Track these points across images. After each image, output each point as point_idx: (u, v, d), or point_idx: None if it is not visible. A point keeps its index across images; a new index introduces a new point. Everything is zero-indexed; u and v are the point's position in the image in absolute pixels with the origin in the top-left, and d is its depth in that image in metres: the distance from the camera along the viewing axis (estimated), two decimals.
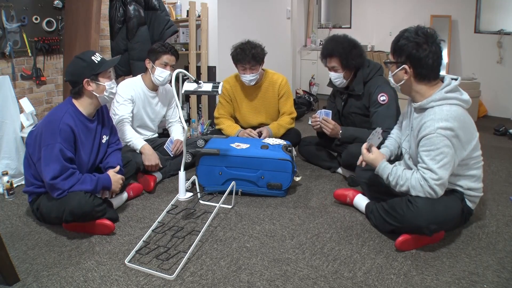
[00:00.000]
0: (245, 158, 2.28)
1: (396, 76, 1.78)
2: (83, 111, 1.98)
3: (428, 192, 1.64)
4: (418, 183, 1.66)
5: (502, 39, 4.67)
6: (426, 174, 1.64)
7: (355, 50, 2.44)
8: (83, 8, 3.06)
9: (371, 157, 1.84)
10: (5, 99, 2.53)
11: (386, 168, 1.79)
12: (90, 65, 1.92)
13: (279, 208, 2.21)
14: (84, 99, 1.97)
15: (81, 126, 1.95)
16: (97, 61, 1.94)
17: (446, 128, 1.60)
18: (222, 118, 2.96)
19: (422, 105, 1.72)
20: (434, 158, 1.62)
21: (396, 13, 5.49)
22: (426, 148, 1.64)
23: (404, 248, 1.75)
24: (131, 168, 2.31)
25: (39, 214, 1.95)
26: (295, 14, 5.48)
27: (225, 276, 1.57)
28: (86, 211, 1.79)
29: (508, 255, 1.70)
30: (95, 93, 1.95)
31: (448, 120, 1.61)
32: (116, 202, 2.15)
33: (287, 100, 2.95)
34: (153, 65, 2.60)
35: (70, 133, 1.86)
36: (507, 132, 3.92)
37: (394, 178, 1.74)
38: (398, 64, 1.74)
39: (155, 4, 3.45)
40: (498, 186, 2.53)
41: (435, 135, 1.61)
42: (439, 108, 1.66)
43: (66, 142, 1.84)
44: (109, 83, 1.98)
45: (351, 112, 2.59)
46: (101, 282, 1.53)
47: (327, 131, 2.50)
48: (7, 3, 2.81)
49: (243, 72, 2.77)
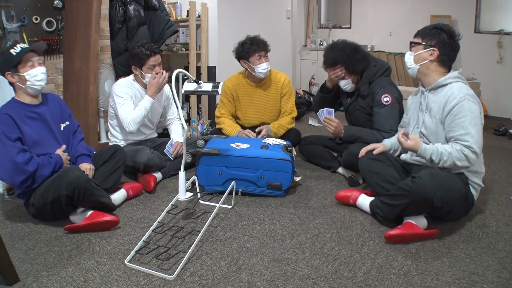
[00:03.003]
0: (245, 158, 2.28)
1: (419, 56, 1.95)
2: (23, 100, 2.01)
3: (471, 158, 1.76)
4: (461, 153, 1.77)
5: (502, 39, 4.67)
6: (468, 141, 1.75)
7: (358, 54, 2.44)
8: (83, 8, 3.06)
9: (411, 144, 1.90)
10: (5, 99, 2.51)
11: (427, 149, 1.86)
12: (7, 58, 1.94)
13: (279, 208, 2.21)
14: (18, 92, 2.02)
15: (21, 111, 1.97)
16: (16, 52, 1.94)
17: (472, 95, 1.81)
18: (223, 117, 2.96)
19: (440, 82, 1.91)
20: (471, 122, 1.76)
21: (396, 13, 5.49)
22: (462, 115, 1.78)
23: (393, 240, 1.79)
24: (120, 157, 2.27)
25: (35, 210, 1.93)
26: (295, 14, 5.48)
27: (225, 276, 1.57)
28: (81, 183, 1.82)
29: (508, 255, 1.70)
30: (19, 84, 1.97)
31: (469, 89, 1.84)
32: (113, 199, 2.14)
33: (289, 99, 2.96)
34: (141, 71, 2.57)
35: (8, 118, 1.89)
36: (507, 132, 3.91)
37: (437, 156, 1.83)
38: (426, 46, 1.93)
39: (155, 4, 3.46)
40: (498, 186, 2.53)
41: (466, 101, 1.78)
42: (456, 83, 1.87)
43: (7, 126, 1.87)
44: (30, 71, 1.96)
45: (356, 109, 2.59)
46: (101, 282, 1.53)
47: (331, 130, 2.49)
48: (7, 3, 2.81)
49: (259, 62, 2.77)
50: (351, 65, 2.43)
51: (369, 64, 2.49)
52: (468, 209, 1.92)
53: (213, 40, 4.13)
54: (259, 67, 2.77)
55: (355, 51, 2.44)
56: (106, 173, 2.17)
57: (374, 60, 2.54)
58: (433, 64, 1.94)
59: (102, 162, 2.21)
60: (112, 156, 2.24)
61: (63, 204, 1.86)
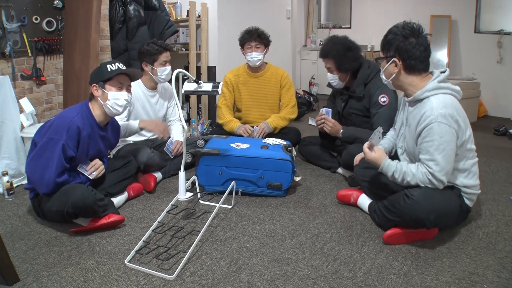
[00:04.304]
0: (245, 158, 2.28)
1: (387, 71, 1.81)
2: (95, 116, 2.01)
3: (436, 184, 1.67)
4: (425, 177, 1.67)
5: (502, 39, 4.67)
6: (431, 168, 1.65)
7: (350, 53, 2.43)
8: (83, 8, 3.06)
9: (374, 156, 1.83)
10: (5, 99, 2.53)
11: (390, 165, 1.78)
12: (100, 71, 1.98)
13: (279, 208, 2.21)
14: (94, 103, 2.02)
15: (89, 129, 1.97)
16: (111, 69, 1.96)
17: (446, 114, 1.62)
18: (223, 109, 3.03)
19: (417, 96, 1.74)
20: (438, 148, 1.63)
21: (396, 13, 5.48)
22: (429, 138, 1.65)
23: (391, 241, 1.78)
24: (132, 167, 2.32)
25: (40, 210, 1.95)
26: (295, 14, 5.48)
27: (225, 276, 1.57)
28: (88, 204, 1.81)
29: (508, 255, 1.70)
30: (100, 100, 1.99)
31: (447, 107, 1.63)
32: (116, 202, 2.15)
33: (289, 90, 3.04)
34: (152, 67, 2.61)
35: (76, 133, 1.89)
36: (507, 132, 3.91)
37: (400, 175, 1.75)
38: (387, 59, 1.78)
39: (155, 4, 3.46)
40: (498, 186, 2.53)
41: (436, 124, 1.62)
42: (435, 97, 1.68)
43: (71, 140, 1.87)
44: (114, 93, 1.98)
45: (351, 113, 2.59)
46: (101, 282, 1.53)
47: (327, 129, 2.51)
48: (7, 3, 2.81)
49: (249, 51, 2.89)
50: (339, 61, 2.44)
51: (362, 65, 2.50)
52: (464, 217, 1.89)
53: (213, 40, 4.13)
54: (247, 55, 2.91)
55: (348, 49, 2.44)
56: (114, 180, 2.19)
57: (367, 61, 2.55)
58: (401, 75, 1.76)
59: (112, 169, 2.23)
60: (124, 166, 2.28)
61: (66, 216, 1.86)
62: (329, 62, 2.50)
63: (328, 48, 2.48)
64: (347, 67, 2.46)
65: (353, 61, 2.45)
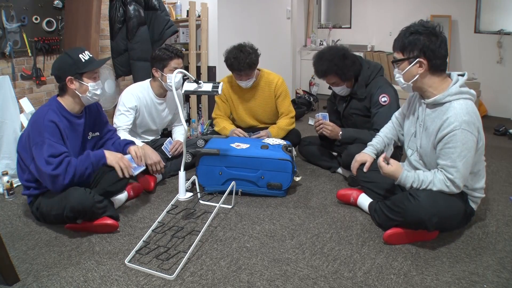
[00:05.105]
0: (245, 158, 2.28)
1: (408, 72, 1.73)
2: (68, 108, 1.97)
3: (454, 190, 1.67)
4: (443, 184, 1.67)
5: (502, 39, 4.67)
6: (452, 174, 1.64)
7: (347, 61, 2.40)
8: (83, 8, 3.06)
9: (391, 169, 1.80)
10: (5, 99, 2.53)
11: (408, 177, 1.76)
12: (76, 63, 1.90)
13: (279, 208, 2.21)
14: (67, 97, 1.97)
15: (65, 121, 1.94)
16: (84, 60, 1.91)
17: (470, 122, 1.61)
18: (218, 118, 2.98)
19: (438, 99, 1.70)
20: (460, 155, 1.62)
21: (396, 13, 5.49)
22: (452, 145, 1.63)
23: (392, 241, 1.78)
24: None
25: (39, 214, 1.95)
26: (295, 14, 5.47)
27: (225, 276, 1.57)
28: (87, 207, 1.80)
29: (508, 255, 1.70)
30: (77, 92, 1.94)
31: (469, 114, 1.62)
32: (116, 202, 2.15)
33: (285, 100, 2.93)
34: (162, 73, 2.55)
35: (55, 128, 1.85)
36: (507, 132, 3.91)
37: (418, 184, 1.73)
38: (410, 60, 1.70)
39: (155, 4, 3.45)
40: (498, 186, 2.53)
41: (460, 131, 1.61)
42: (457, 102, 1.65)
43: (54, 136, 1.83)
44: (93, 84, 1.95)
45: (352, 113, 2.59)
46: (101, 282, 1.53)
47: (326, 133, 2.51)
48: (7, 3, 2.81)
49: (239, 79, 2.77)
50: (342, 73, 2.41)
51: (362, 66, 2.49)
52: (467, 221, 1.88)
53: (213, 40, 4.13)
54: (238, 82, 2.80)
55: (343, 58, 2.39)
56: (114, 179, 2.12)
57: (366, 62, 2.54)
58: (426, 76, 1.71)
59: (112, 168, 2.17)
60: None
61: (66, 220, 1.86)
62: (332, 78, 2.47)
63: (325, 68, 2.42)
64: (351, 74, 2.45)
65: (353, 65, 2.44)
